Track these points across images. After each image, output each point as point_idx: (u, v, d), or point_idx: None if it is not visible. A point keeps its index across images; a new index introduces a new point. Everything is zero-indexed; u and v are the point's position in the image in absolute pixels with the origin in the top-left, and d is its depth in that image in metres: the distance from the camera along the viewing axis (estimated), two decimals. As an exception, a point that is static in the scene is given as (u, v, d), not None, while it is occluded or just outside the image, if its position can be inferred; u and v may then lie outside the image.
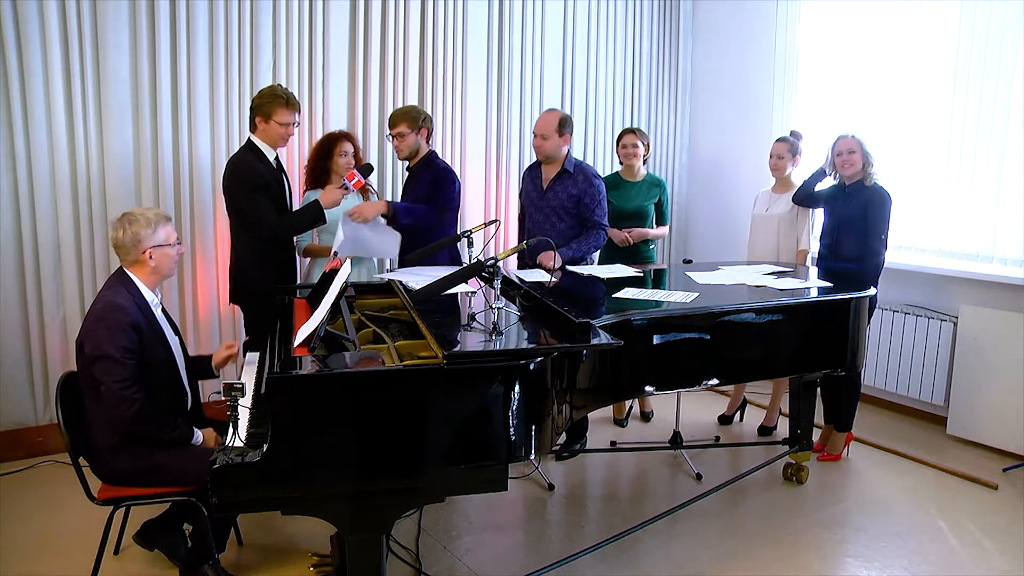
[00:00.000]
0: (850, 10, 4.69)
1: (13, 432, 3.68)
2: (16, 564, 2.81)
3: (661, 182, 4.26)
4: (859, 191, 3.63)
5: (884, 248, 3.61)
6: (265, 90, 3.33)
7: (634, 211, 4.14)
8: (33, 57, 3.46)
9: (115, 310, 2.41)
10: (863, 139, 3.66)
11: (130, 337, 2.40)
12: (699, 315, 2.80)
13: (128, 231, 2.50)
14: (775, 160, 4.08)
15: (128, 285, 2.52)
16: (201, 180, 3.92)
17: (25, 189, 3.54)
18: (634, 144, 4.14)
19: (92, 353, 2.38)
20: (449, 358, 1.97)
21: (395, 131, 3.68)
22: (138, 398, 2.36)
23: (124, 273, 2.54)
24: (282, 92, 3.30)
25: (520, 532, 3.18)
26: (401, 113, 3.71)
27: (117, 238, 2.52)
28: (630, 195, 4.16)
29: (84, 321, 2.48)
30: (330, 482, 1.94)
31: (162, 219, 2.57)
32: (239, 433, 1.96)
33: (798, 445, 3.64)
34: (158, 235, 2.53)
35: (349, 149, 3.65)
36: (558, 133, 3.64)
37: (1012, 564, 2.95)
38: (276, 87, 3.36)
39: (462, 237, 3.11)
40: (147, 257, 2.52)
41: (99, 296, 2.52)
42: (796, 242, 4.03)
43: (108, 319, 2.39)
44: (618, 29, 5.37)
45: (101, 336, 2.37)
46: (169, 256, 2.58)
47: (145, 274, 2.55)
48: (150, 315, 2.54)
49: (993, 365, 4.00)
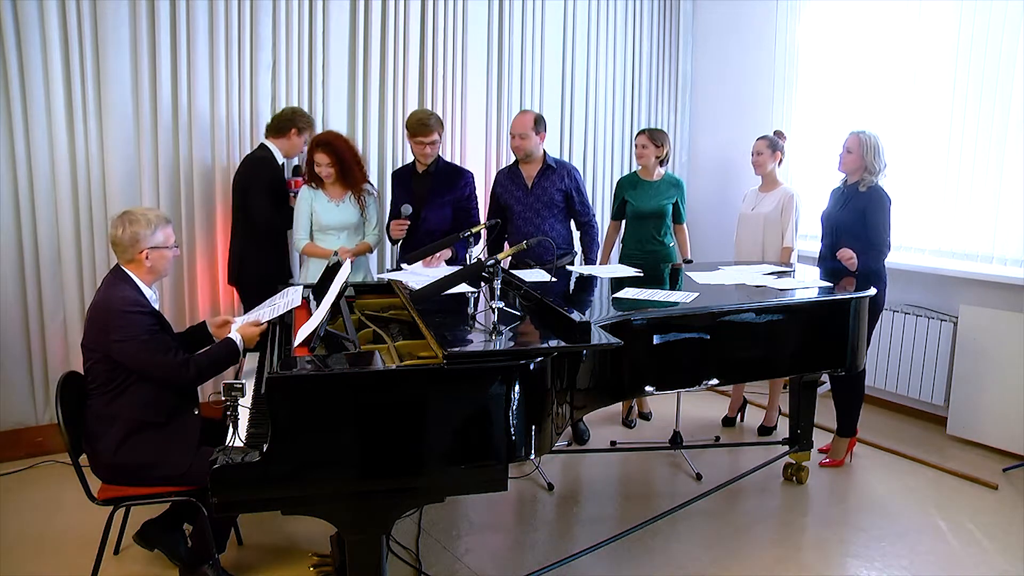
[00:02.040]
0: (850, 10, 4.69)
1: (13, 432, 3.68)
2: (16, 564, 2.81)
3: (679, 182, 4.24)
4: (856, 194, 3.61)
5: (887, 250, 3.58)
6: (307, 114, 3.82)
7: (652, 211, 4.14)
8: (33, 57, 3.46)
9: (126, 300, 2.46)
10: (870, 144, 3.55)
11: (147, 320, 2.48)
12: (699, 315, 2.80)
13: (128, 230, 2.51)
14: (755, 156, 4.09)
15: (127, 282, 2.53)
16: (201, 180, 3.92)
17: (25, 189, 3.54)
18: (643, 145, 4.14)
19: (120, 339, 2.42)
20: (449, 358, 1.97)
21: (430, 139, 3.68)
22: (184, 358, 2.50)
23: (122, 270, 2.56)
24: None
25: (520, 532, 3.18)
26: (435, 120, 3.70)
27: (116, 235, 2.53)
28: (647, 195, 4.16)
29: (92, 318, 2.49)
30: (330, 482, 1.94)
31: (162, 221, 2.59)
32: (239, 433, 1.96)
33: (798, 445, 3.64)
34: (156, 236, 2.55)
35: (323, 159, 3.54)
36: (535, 132, 3.82)
37: (1012, 564, 2.95)
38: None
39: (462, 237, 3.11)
40: (143, 257, 2.53)
41: (103, 293, 2.52)
42: (781, 240, 4.04)
43: (128, 308, 2.45)
44: (618, 29, 5.37)
45: (120, 321, 2.42)
46: (166, 258, 2.60)
47: (142, 273, 2.56)
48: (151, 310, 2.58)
49: (993, 365, 4.00)
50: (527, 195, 3.87)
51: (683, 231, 4.30)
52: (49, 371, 3.69)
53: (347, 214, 3.67)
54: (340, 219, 3.66)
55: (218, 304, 4.04)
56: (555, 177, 3.88)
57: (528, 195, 3.87)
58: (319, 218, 3.65)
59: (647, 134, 4.17)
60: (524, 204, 3.88)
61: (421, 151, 3.71)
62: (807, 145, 5.01)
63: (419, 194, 3.78)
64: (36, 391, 3.71)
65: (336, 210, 3.66)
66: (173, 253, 2.65)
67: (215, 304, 4.04)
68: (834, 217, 3.71)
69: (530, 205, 3.88)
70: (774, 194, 4.08)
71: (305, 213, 3.66)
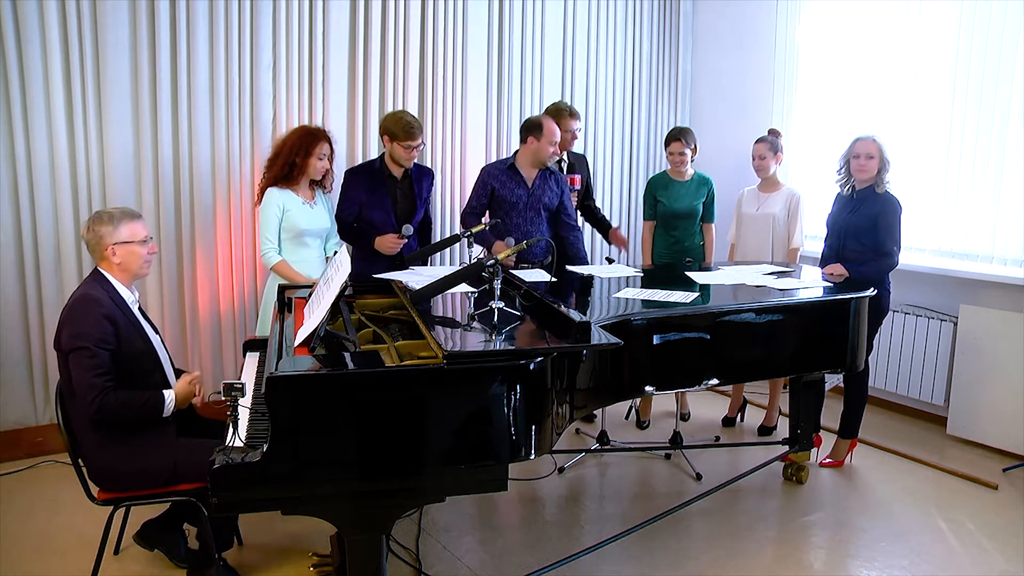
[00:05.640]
0: (850, 10, 4.69)
1: (13, 432, 3.68)
2: (16, 564, 2.81)
3: (708, 180, 4.23)
4: (869, 199, 3.54)
5: (896, 257, 3.54)
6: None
7: (685, 211, 4.15)
8: (33, 57, 3.46)
9: (89, 302, 2.41)
10: (883, 144, 3.53)
11: (104, 328, 2.39)
12: (699, 315, 2.80)
13: (92, 230, 2.51)
14: (758, 161, 4.08)
15: (102, 283, 2.51)
16: (201, 180, 3.91)
17: (25, 189, 3.54)
18: (680, 152, 4.10)
19: (67, 346, 2.37)
20: (449, 358, 1.97)
21: (419, 143, 3.61)
22: (108, 386, 2.34)
23: (98, 271, 2.54)
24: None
25: (520, 532, 3.18)
26: (408, 125, 3.58)
27: (84, 237, 2.55)
28: (680, 195, 4.16)
29: (59, 319, 2.47)
30: (330, 482, 1.94)
31: (127, 216, 2.55)
32: (239, 433, 1.96)
33: (798, 445, 3.64)
34: (120, 232, 2.51)
35: (327, 151, 3.42)
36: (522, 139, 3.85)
37: (1012, 564, 2.95)
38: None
39: (462, 237, 3.11)
40: (111, 254, 2.50)
41: (73, 293, 2.52)
42: (788, 240, 4.03)
43: (81, 310, 2.40)
44: (618, 29, 5.37)
45: (76, 327, 2.37)
46: (136, 254, 2.54)
47: (115, 272, 2.53)
48: (127, 311, 2.51)
49: (993, 365, 4.00)
50: (529, 196, 3.86)
51: (711, 231, 4.27)
52: (49, 371, 3.68)
53: (322, 217, 3.48)
54: (318, 223, 3.44)
55: (218, 304, 4.04)
56: (552, 182, 3.91)
57: (530, 196, 3.86)
58: (295, 222, 3.35)
59: (683, 141, 4.10)
60: (525, 204, 3.86)
61: (409, 156, 3.63)
62: (807, 145, 5.01)
63: (404, 197, 3.75)
64: (36, 391, 3.71)
65: (312, 212, 3.41)
66: (146, 249, 2.57)
67: (215, 304, 4.03)
68: (841, 221, 3.65)
69: (531, 206, 3.87)
70: (779, 194, 4.07)
71: (275, 218, 3.33)
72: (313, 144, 3.37)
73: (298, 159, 3.35)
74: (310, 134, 3.41)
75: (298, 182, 3.40)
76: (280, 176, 3.37)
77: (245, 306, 4.11)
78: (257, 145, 4.02)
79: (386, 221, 3.67)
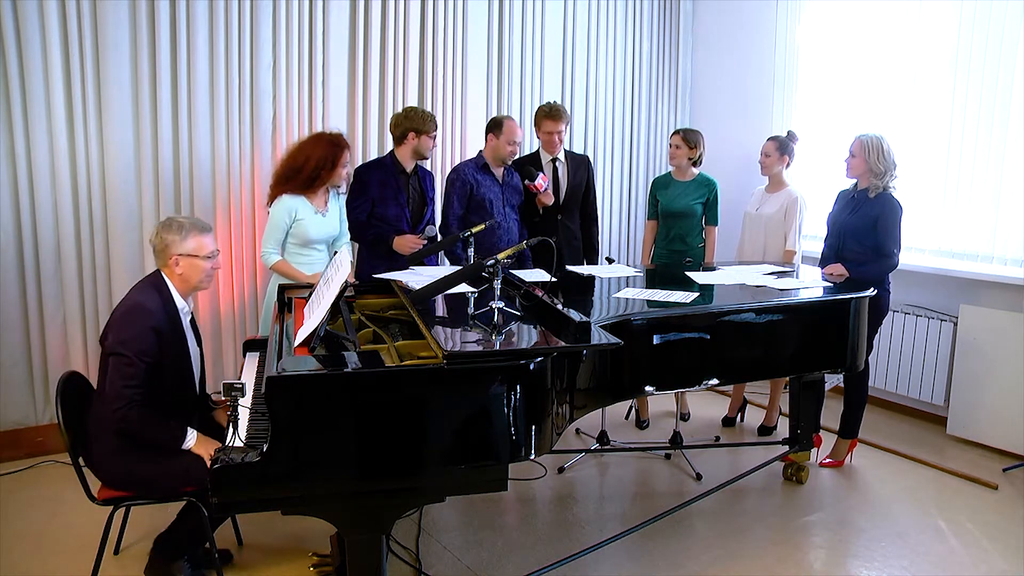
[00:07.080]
0: (850, 10, 4.69)
1: (13, 432, 3.68)
2: (16, 564, 2.81)
3: (711, 182, 4.21)
4: (867, 201, 3.55)
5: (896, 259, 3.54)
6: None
7: (681, 210, 4.15)
8: (33, 57, 3.46)
9: (141, 312, 2.42)
10: (872, 146, 3.50)
11: (148, 340, 2.40)
12: (699, 315, 2.80)
13: (160, 236, 2.52)
14: (762, 158, 4.10)
15: (161, 288, 2.52)
16: (201, 180, 3.91)
17: (25, 189, 3.54)
18: (676, 145, 4.16)
19: (110, 348, 2.39)
20: (449, 358, 1.97)
21: (436, 135, 3.77)
22: (136, 400, 2.34)
23: (159, 275, 2.55)
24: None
25: (520, 532, 3.18)
26: (430, 117, 3.70)
27: (151, 241, 2.56)
28: (678, 194, 4.17)
29: (111, 314, 2.50)
30: (330, 482, 1.94)
31: (196, 228, 2.55)
32: (239, 433, 1.96)
33: (798, 445, 3.63)
34: (187, 243, 2.52)
35: (348, 158, 3.44)
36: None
37: (1012, 564, 2.95)
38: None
39: (462, 237, 3.11)
40: (174, 263, 2.52)
41: (130, 294, 2.52)
42: (784, 241, 4.03)
43: (132, 319, 2.41)
44: (618, 29, 5.37)
45: (122, 332, 2.39)
46: (199, 267, 2.54)
47: (176, 281, 2.55)
48: (177, 322, 2.52)
49: (993, 365, 4.00)
50: (502, 192, 3.95)
51: (712, 233, 4.27)
52: (49, 371, 3.68)
53: (332, 225, 3.47)
54: (327, 230, 3.43)
55: (218, 304, 4.04)
56: (514, 177, 4.01)
57: (503, 191, 3.96)
58: (305, 231, 3.34)
59: (681, 135, 4.16)
60: (501, 200, 3.94)
61: (430, 147, 3.75)
62: (807, 145, 5.00)
63: (415, 192, 3.80)
64: (36, 391, 3.71)
65: (323, 221, 3.41)
66: (210, 264, 2.57)
67: (215, 304, 4.04)
68: (841, 221, 3.66)
69: (507, 202, 3.96)
70: (779, 196, 4.07)
71: (284, 224, 3.32)
72: (339, 155, 3.37)
73: (324, 172, 3.34)
74: (335, 144, 3.38)
75: (316, 191, 3.39)
76: (302, 186, 3.35)
77: (245, 306, 4.11)
78: (257, 145, 4.02)
79: (400, 215, 3.68)
